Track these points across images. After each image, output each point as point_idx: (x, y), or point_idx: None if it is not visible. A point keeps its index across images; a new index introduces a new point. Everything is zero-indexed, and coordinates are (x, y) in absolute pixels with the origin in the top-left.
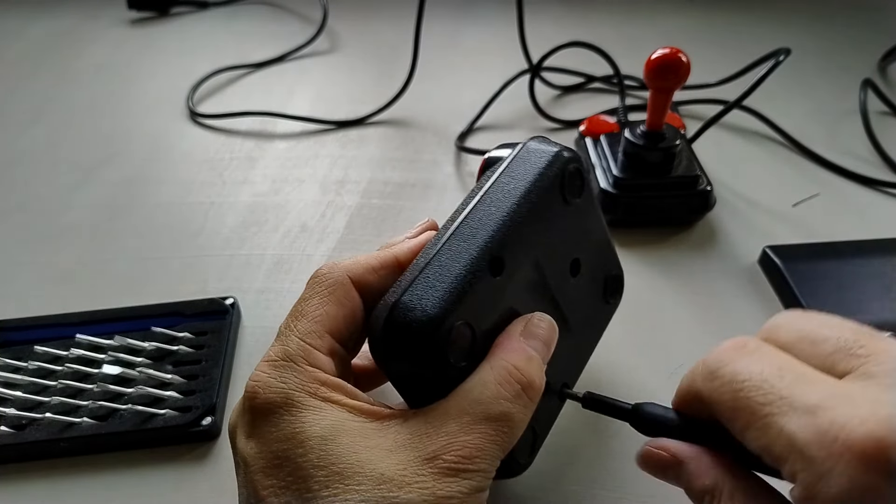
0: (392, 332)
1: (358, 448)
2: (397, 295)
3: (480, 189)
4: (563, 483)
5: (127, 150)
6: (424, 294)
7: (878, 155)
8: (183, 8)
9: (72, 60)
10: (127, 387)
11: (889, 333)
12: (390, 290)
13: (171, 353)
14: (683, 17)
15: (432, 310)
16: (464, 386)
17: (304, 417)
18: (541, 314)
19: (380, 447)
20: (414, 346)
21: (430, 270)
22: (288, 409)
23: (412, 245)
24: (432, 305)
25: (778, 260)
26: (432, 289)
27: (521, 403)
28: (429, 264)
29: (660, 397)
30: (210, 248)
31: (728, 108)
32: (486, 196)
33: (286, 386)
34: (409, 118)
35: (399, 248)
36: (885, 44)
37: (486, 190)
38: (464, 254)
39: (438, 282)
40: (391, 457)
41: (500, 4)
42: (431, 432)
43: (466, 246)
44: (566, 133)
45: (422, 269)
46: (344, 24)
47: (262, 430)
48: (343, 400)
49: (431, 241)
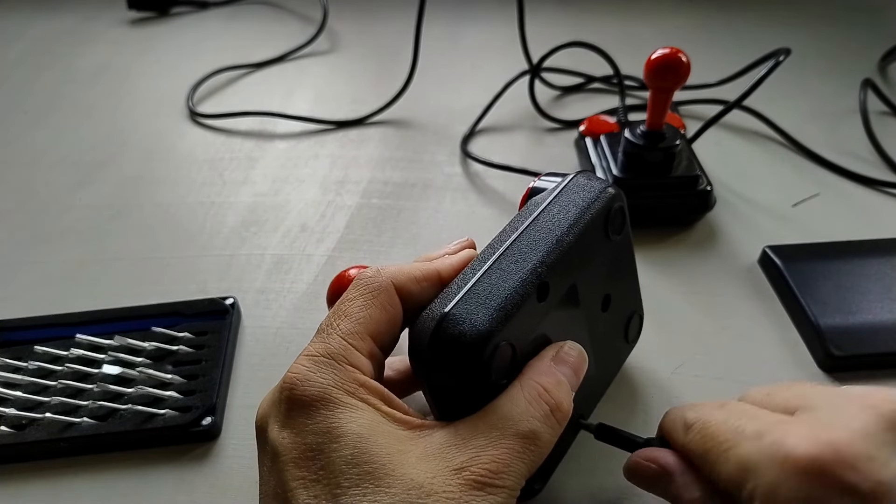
0: (439, 343)
1: (391, 451)
2: (445, 307)
3: (529, 215)
4: (562, 483)
5: (127, 150)
6: (474, 309)
7: (878, 155)
8: (183, 8)
9: (72, 60)
10: (127, 387)
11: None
12: (435, 302)
13: (171, 353)
14: (683, 17)
15: (482, 325)
16: (495, 402)
17: (342, 414)
18: (572, 343)
19: (411, 454)
20: (460, 360)
21: (479, 287)
22: (325, 405)
23: (454, 262)
24: (482, 322)
25: (778, 260)
26: (482, 305)
27: (549, 424)
28: (479, 281)
29: (659, 397)
30: (210, 248)
31: (728, 108)
32: (534, 222)
33: (326, 382)
34: (409, 118)
35: (441, 262)
36: (885, 44)
37: (535, 217)
38: (514, 275)
39: (488, 299)
40: (421, 464)
41: (500, 4)
42: (461, 444)
43: (516, 268)
44: (566, 133)
45: (470, 285)
46: (344, 24)
47: (298, 421)
48: (379, 404)
49: (477, 258)
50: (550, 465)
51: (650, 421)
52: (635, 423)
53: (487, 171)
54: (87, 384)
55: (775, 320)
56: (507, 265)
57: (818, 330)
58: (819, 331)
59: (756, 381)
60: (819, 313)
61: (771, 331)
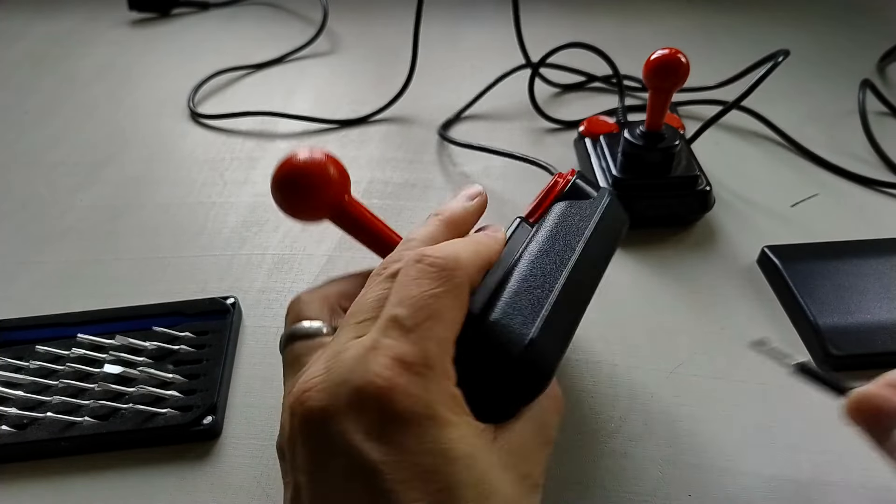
0: (522, 368)
1: (490, 467)
2: (529, 330)
3: (580, 237)
4: (562, 482)
5: (128, 151)
6: (550, 340)
7: (877, 155)
8: (184, 9)
9: (73, 61)
10: (128, 386)
11: None
12: (510, 313)
13: (173, 353)
14: (682, 18)
15: (552, 358)
16: (533, 412)
17: (451, 434)
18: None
19: (496, 466)
20: (536, 384)
21: (553, 316)
22: (433, 422)
23: (499, 242)
24: (553, 355)
25: (776, 260)
26: (554, 336)
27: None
28: (553, 306)
29: (658, 397)
30: (211, 248)
31: (727, 108)
32: (584, 252)
33: (430, 398)
34: (410, 118)
35: (491, 240)
36: (884, 45)
37: (585, 245)
38: (576, 306)
39: (559, 329)
40: (505, 475)
41: (498, 5)
42: (522, 452)
43: (578, 297)
44: (566, 133)
45: (547, 310)
46: (344, 25)
47: (402, 438)
48: (471, 419)
49: (540, 266)
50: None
51: (649, 420)
52: (634, 423)
53: (488, 172)
54: (89, 384)
55: (774, 320)
56: (572, 293)
57: (817, 329)
58: (818, 330)
59: (755, 381)
60: (818, 313)
61: (770, 330)
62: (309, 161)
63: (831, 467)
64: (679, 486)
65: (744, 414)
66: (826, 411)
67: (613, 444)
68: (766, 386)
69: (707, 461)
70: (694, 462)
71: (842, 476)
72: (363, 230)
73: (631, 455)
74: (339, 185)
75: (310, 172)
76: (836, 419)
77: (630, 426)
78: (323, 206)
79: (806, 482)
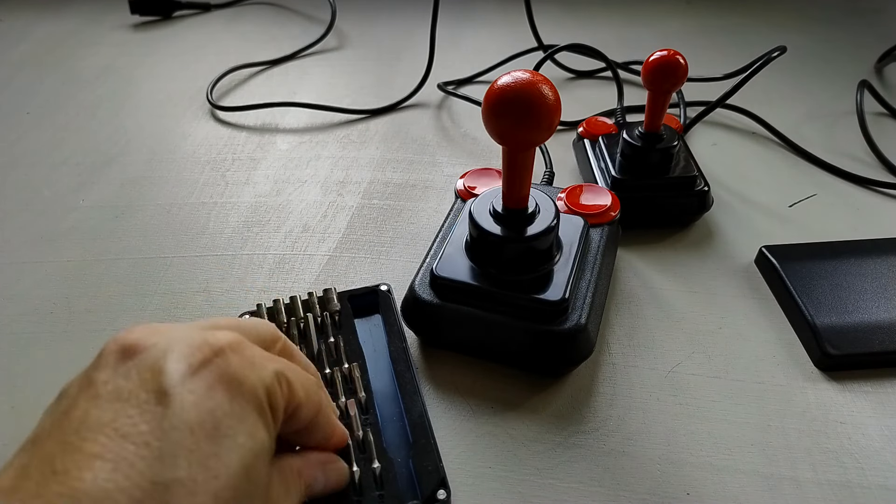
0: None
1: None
2: (582, 316)
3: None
4: (561, 482)
5: (130, 151)
6: (593, 326)
7: (875, 156)
8: (186, 11)
9: (76, 62)
10: None
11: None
12: (575, 300)
13: None
14: (681, 20)
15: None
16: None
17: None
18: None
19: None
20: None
21: (596, 302)
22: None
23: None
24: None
25: (774, 260)
26: (596, 317)
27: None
28: (594, 298)
29: (656, 396)
30: (212, 249)
31: (719, 101)
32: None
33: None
34: (410, 119)
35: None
36: (882, 46)
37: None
38: (602, 296)
39: (598, 314)
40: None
41: (502, 6)
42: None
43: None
44: (565, 134)
45: (591, 300)
46: (349, 25)
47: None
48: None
49: (581, 258)
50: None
51: (648, 420)
52: (633, 423)
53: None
54: None
55: (772, 320)
56: (600, 287)
57: (814, 329)
58: (815, 330)
59: (753, 381)
60: (815, 312)
61: (767, 330)
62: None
63: (829, 466)
64: (677, 484)
65: (742, 413)
66: (823, 410)
67: (612, 442)
68: (763, 385)
69: (705, 460)
70: (692, 461)
71: (839, 475)
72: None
73: (629, 454)
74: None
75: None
76: (833, 418)
77: (629, 425)
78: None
79: (804, 481)
